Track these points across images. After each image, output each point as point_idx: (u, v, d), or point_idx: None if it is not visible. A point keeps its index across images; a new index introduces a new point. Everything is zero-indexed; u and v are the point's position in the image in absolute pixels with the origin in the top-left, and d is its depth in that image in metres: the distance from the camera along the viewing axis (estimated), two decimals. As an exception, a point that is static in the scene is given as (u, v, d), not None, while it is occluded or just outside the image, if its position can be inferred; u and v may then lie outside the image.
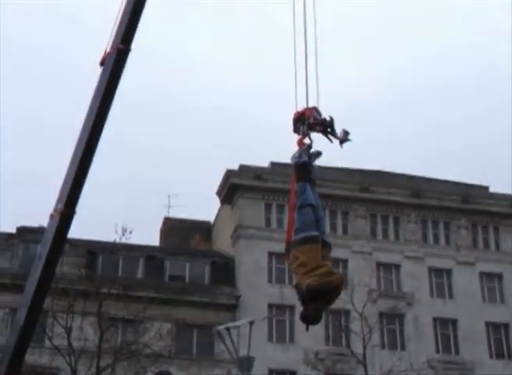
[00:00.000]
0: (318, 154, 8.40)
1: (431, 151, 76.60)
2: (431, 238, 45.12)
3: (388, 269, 43.65)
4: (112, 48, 10.65)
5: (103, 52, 10.76)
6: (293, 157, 8.35)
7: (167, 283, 40.53)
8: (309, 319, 7.63)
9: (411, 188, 44.95)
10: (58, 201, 10.00)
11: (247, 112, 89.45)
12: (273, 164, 43.74)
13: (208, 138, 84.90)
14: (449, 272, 44.13)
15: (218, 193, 45.29)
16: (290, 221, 8.22)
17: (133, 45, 10.71)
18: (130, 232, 31.60)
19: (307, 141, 8.36)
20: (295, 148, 8.35)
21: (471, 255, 44.75)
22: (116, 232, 31.55)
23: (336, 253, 8.18)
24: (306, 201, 8.02)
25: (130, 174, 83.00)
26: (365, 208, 44.32)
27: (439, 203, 45.06)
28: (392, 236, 44.58)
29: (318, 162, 8.34)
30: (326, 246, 7.96)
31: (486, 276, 44.52)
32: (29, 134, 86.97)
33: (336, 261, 37.65)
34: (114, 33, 10.75)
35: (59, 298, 28.61)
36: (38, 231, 29.30)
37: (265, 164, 44.55)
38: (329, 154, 8.69)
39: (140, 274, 40.58)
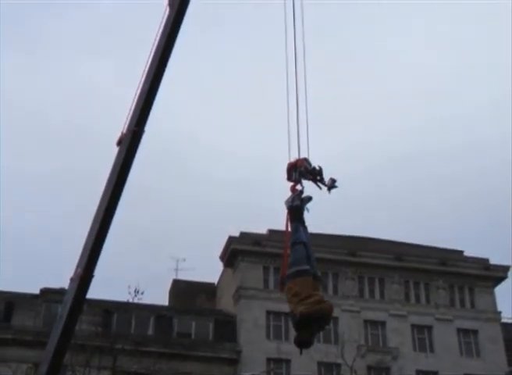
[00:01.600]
0: (309, 198, 8.42)
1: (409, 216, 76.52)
2: (413, 298, 44.73)
3: (374, 326, 43.14)
4: (127, 129, 10.80)
5: (120, 133, 10.92)
6: (287, 201, 8.39)
7: (175, 339, 39.98)
8: (302, 344, 7.59)
9: (394, 253, 44.76)
10: (78, 265, 9.99)
11: (247, 185, 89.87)
12: (271, 231, 43.62)
13: (211, 208, 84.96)
14: (429, 328, 43.61)
15: (221, 257, 45.12)
16: (285, 259, 8.25)
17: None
18: (142, 293, 31.47)
19: (299, 187, 8.43)
20: (289, 194, 8.39)
21: (449, 313, 44.32)
22: (129, 293, 31.41)
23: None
24: (299, 240, 8.09)
25: (143, 241, 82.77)
26: (353, 271, 44.06)
27: (420, 266, 44.81)
28: (378, 296, 44.20)
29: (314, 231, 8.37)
30: (317, 279, 8.00)
31: (463, 332, 43.97)
32: (51, 198, 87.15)
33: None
34: (129, 117, 10.91)
35: (77, 354, 28.12)
36: (60, 292, 29.15)
37: (263, 231, 44.52)
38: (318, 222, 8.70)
39: (150, 331, 40.05)
